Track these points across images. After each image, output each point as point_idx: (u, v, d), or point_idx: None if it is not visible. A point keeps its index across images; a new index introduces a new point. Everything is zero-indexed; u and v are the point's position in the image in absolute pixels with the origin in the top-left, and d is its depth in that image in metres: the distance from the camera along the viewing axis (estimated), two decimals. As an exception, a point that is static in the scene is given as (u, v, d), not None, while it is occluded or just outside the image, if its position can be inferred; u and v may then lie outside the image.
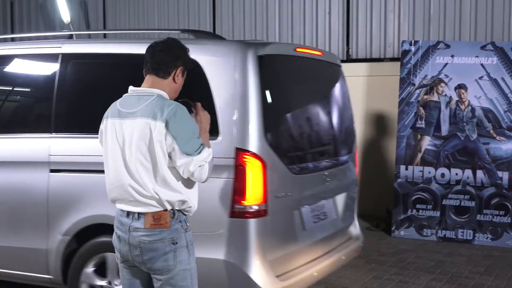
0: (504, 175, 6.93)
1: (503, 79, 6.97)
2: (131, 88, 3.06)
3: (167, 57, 3.00)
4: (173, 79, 3.02)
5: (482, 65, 7.04)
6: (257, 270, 3.87)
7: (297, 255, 4.31)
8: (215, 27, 9.77)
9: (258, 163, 3.85)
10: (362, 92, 8.45)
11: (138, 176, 2.91)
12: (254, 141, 3.86)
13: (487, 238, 6.97)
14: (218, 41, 4.46)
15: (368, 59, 8.60)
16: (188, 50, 3.12)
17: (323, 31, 8.94)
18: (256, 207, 3.85)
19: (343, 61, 8.63)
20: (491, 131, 6.98)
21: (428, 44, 7.33)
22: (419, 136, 7.25)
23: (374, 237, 7.29)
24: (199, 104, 3.11)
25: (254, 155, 3.82)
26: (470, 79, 7.08)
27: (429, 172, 7.18)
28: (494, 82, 6.99)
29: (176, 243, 2.95)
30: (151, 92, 2.97)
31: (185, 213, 3.03)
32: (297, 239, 4.31)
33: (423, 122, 7.24)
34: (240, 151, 3.81)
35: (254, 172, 3.83)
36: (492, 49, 7.03)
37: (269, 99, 4.07)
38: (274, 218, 3.97)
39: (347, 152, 5.14)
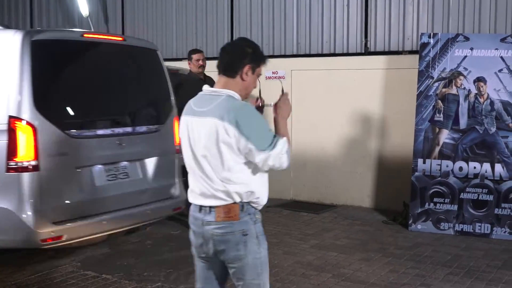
0: (523, 169, 6.89)
1: (523, 72, 6.92)
2: (205, 87, 3.25)
3: (233, 57, 3.19)
4: (241, 77, 3.18)
5: (501, 57, 6.98)
6: (29, 215, 4.87)
7: (84, 206, 5.32)
8: (233, 19, 9.79)
9: (28, 128, 4.89)
10: (380, 85, 8.43)
11: (207, 171, 3.09)
12: (25, 110, 4.89)
13: (505, 232, 6.93)
14: (2, 30, 5.46)
15: (386, 52, 8.55)
16: (258, 48, 3.27)
17: (341, 23, 8.91)
18: (27, 164, 4.88)
19: (361, 54, 8.74)
20: (510, 125, 6.93)
21: (447, 37, 7.28)
22: (437, 130, 7.22)
23: (391, 231, 7.29)
24: (286, 94, 3.37)
25: (25, 122, 4.87)
26: (489, 72, 7.03)
27: (447, 166, 7.15)
28: (514, 75, 6.95)
29: (246, 234, 3.13)
30: (220, 92, 3.14)
31: (253, 205, 3.19)
32: (84, 193, 5.34)
33: (442, 115, 7.21)
34: (12, 118, 4.88)
35: (24, 135, 4.88)
36: (512, 41, 6.98)
37: (44, 76, 5.12)
38: (48, 173, 4.99)
39: (154, 122, 6.12)
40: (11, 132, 4.88)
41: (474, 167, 7.04)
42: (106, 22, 11.02)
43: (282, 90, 3.37)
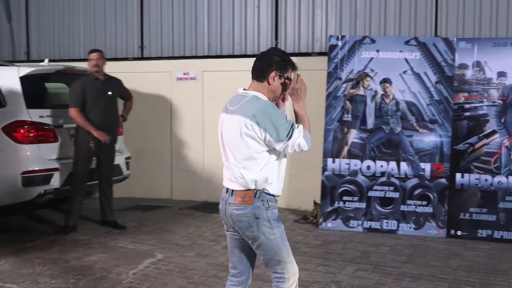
0: (427, 167, 7.18)
1: (425, 73, 7.21)
2: (239, 89, 3.74)
3: (262, 64, 3.65)
4: (268, 82, 3.63)
5: (406, 59, 7.26)
6: None
7: None
8: (143, 19, 9.66)
9: None
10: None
11: (230, 160, 3.65)
12: None
13: (410, 227, 7.21)
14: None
15: (296, 53, 8.69)
16: (285, 56, 3.69)
17: (252, 25, 8.98)
18: None
19: (271, 55, 8.81)
20: (414, 124, 7.22)
21: (354, 39, 7.49)
22: (345, 130, 7.42)
23: (302, 230, 7.41)
24: (297, 76, 3.71)
25: None
26: (394, 73, 7.29)
27: (355, 165, 7.36)
28: (417, 76, 7.23)
29: (258, 218, 3.57)
30: (248, 93, 3.64)
31: (267, 191, 3.60)
32: None
33: (350, 115, 7.41)
34: None
35: None
36: (416, 44, 7.26)
37: None
38: None
39: None
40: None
41: (381, 166, 7.28)
42: (9, 22, 10.61)
43: (291, 79, 3.69)
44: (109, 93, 7.22)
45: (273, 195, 3.65)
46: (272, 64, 3.63)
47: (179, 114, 9.30)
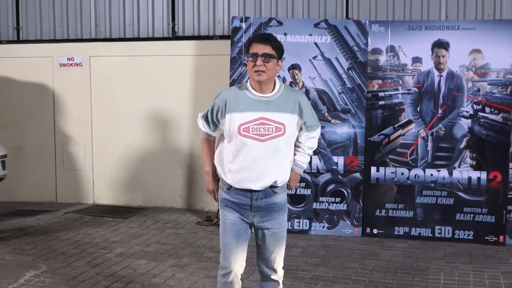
0: (340, 160, 7.28)
1: (337, 59, 7.29)
2: None
3: None
4: None
5: (315, 44, 7.31)
6: None
7: None
8: (19, 2, 9.27)
9: None
10: (189, 73, 8.45)
11: None
12: None
13: (323, 227, 7.30)
14: None
15: (196, 37, 8.61)
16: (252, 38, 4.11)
17: (145, 4, 8.81)
18: None
19: (168, 39, 8.70)
20: (326, 114, 7.29)
21: (260, 21, 7.46)
22: (252, 121, 7.38)
23: (205, 233, 7.35)
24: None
25: None
26: (303, 58, 7.33)
27: (263, 159, 7.34)
28: (328, 62, 7.30)
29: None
30: None
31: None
32: None
33: (256, 105, 7.37)
34: None
35: None
36: (326, 27, 7.32)
37: None
38: None
39: None
40: None
41: (291, 160, 7.31)
42: None
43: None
44: None
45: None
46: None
47: (64, 105, 8.98)
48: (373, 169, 7.24)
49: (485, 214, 6.99)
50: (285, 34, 7.34)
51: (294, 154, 4.09)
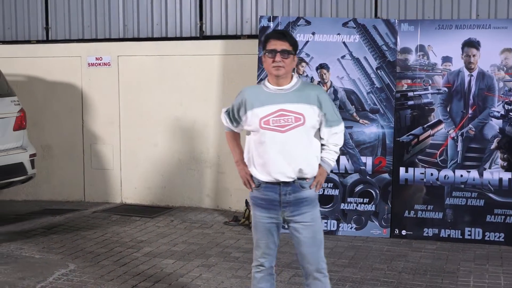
0: (368, 160, 7.27)
1: (365, 58, 7.29)
2: None
3: None
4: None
5: (344, 43, 7.31)
6: None
7: None
8: (48, 1, 9.41)
9: None
10: (217, 73, 8.49)
11: None
12: None
13: (351, 228, 7.29)
14: None
15: (223, 36, 8.65)
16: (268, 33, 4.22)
17: (173, 4, 8.87)
18: None
19: (195, 38, 8.75)
20: (354, 114, 7.29)
21: (287, 20, 7.48)
22: (279, 121, 7.40)
23: (233, 233, 7.38)
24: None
25: None
26: (332, 58, 7.33)
27: (291, 160, 7.36)
28: (357, 61, 7.30)
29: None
30: None
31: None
32: None
33: (284, 105, 7.39)
34: None
35: None
36: (354, 26, 7.32)
37: None
38: None
39: None
40: None
41: (319, 160, 7.32)
42: None
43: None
44: None
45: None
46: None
47: (92, 104, 9.09)
48: (402, 169, 7.21)
49: (516, 216, 6.95)
50: (313, 34, 7.36)
51: (321, 152, 4.17)
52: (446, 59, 7.15)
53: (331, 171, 6.62)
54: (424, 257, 6.48)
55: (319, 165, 4.14)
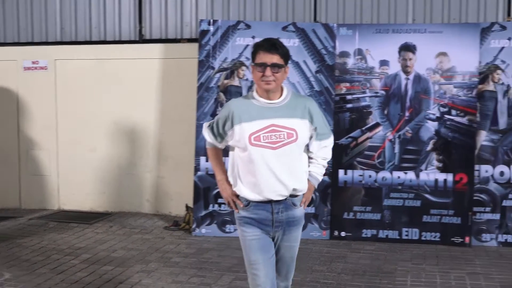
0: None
1: (305, 62, 7.37)
2: None
3: None
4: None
5: (283, 47, 7.37)
6: None
7: None
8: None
9: None
10: (157, 76, 8.45)
11: None
12: None
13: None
14: None
15: (163, 40, 8.61)
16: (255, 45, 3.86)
17: (112, 7, 8.78)
18: None
19: (135, 42, 8.69)
20: None
21: (228, 24, 7.51)
22: (219, 124, 7.41)
23: (173, 237, 7.35)
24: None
25: None
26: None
27: (231, 163, 7.38)
28: (296, 65, 7.36)
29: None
30: None
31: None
32: None
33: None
34: None
35: None
36: (294, 30, 7.40)
37: None
38: None
39: None
40: None
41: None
42: None
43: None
44: None
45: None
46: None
47: (28, 109, 8.92)
48: (341, 172, 7.31)
49: (451, 215, 7.11)
50: (253, 37, 7.40)
51: (308, 166, 3.98)
52: (384, 63, 7.29)
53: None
54: (362, 258, 6.58)
55: (308, 180, 3.95)
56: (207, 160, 7.38)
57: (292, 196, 3.85)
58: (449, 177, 7.12)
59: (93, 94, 8.67)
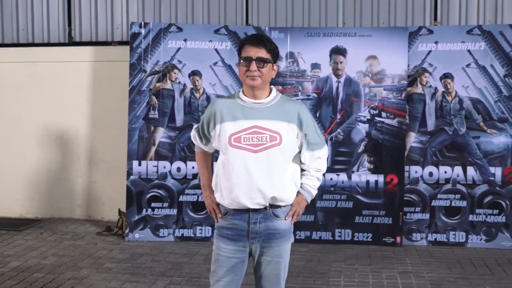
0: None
1: (237, 65, 7.39)
2: None
3: None
4: None
5: (216, 50, 7.40)
6: None
7: None
8: None
9: None
10: (87, 80, 8.34)
11: None
12: None
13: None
14: None
15: (94, 42, 8.51)
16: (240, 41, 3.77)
17: (40, 8, 8.63)
18: None
19: (64, 45, 8.55)
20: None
21: (159, 27, 7.48)
22: (152, 128, 7.39)
23: (105, 243, 7.27)
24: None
25: None
26: (204, 64, 7.39)
27: (164, 167, 7.36)
28: (228, 68, 7.39)
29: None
30: None
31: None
32: None
33: (157, 112, 7.39)
34: None
35: None
36: (226, 33, 7.43)
37: None
38: None
39: None
40: None
41: (193, 167, 7.36)
42: None
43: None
44: None
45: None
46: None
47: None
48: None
49: (383, 216, 7.26)
50: (185, 40, 7.39)
51: (301, 178, 3.73)
52: (315, 66, 7.38)
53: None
54: (296, 259, 6.64)
55: (298, 192, 3.67)
56: (139, 164, 7.34)
57: (273, 206, 3.59)
58: (380, 178, 7.27)
59: (21, 98, 8.49)
